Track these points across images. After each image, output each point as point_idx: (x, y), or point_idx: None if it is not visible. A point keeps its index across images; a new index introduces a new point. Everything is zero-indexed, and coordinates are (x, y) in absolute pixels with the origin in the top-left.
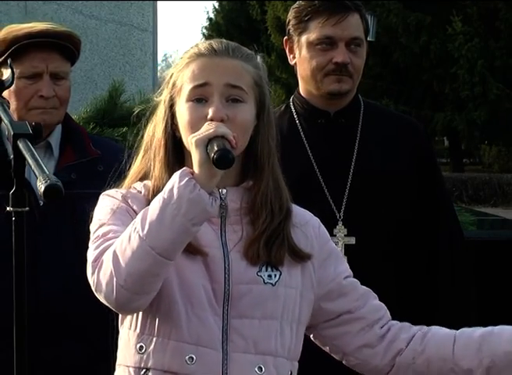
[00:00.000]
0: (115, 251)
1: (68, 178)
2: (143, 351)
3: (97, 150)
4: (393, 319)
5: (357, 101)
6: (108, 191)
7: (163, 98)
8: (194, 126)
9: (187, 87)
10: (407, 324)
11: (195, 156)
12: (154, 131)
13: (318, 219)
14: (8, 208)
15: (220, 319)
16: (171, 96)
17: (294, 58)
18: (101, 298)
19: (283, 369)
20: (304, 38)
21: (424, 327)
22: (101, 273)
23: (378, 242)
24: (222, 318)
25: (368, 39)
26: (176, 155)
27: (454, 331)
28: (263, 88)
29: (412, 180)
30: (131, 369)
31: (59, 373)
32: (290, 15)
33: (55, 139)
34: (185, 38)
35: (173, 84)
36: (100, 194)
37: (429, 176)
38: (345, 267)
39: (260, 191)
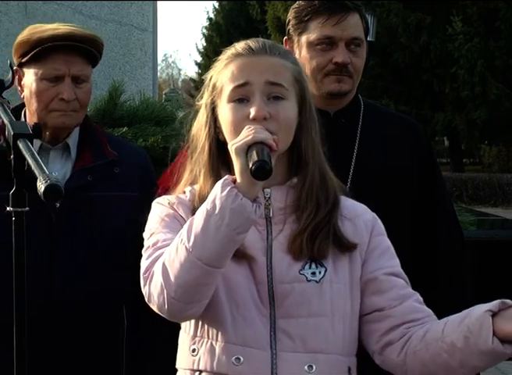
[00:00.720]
0: (164, 263)
1: (84, 180)
2: (195, 353)
3: (114, 151)
4: None
5: (357, 101)
6: (158, 199)
7: (204, 102)
8: (238, 127)
9: (228, 88)
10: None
11: (236, 164)
12: (198, 136)
13: (375, 214)
14: (8, 208)
15: (267, 320)
16: (212, 99)
17: None
18: (154, 308)
19: (337, 366)
20: (303, 38)
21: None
22: (152, 285)
23: None
24: (270, 318)
25: (368, 39)
26: (220, 158)
27: (443, 322)
28: (303, 83)
29: (412, 180)
30: (187, 372)
31: (68, 368)
32: (290, 15)
33: (72, 141)
34: (185, 38)
35: (213, 87)
36: (115, 196)
37: (429, 175)
38: (390, 264)
39: (305, 187)
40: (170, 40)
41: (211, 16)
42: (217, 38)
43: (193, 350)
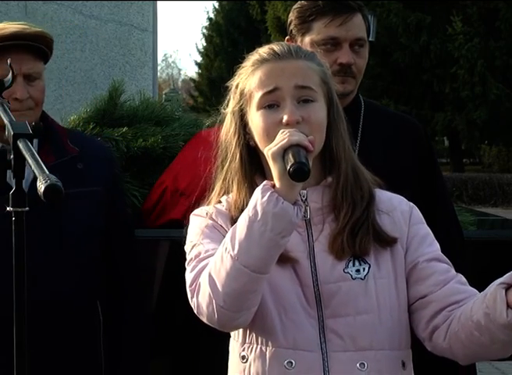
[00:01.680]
0: (210, 274)
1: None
2: (245, 360)
3: (76, 147)
4: None
5: (357, 101)
6: (195, 211)
7: (231, 110)
8: (270, 134)
9: (257, 95)
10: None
11: (274, 169)
12: (227, 144)
13: (411, 203)
14: (8, 209)
15: (315, 321)
16: (240, 106)
17: None
18: (203, 319)
19: (390, 361)
20: (307, 39)
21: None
22: (200, 297)
23: None
24: (318, 319)
25: (369, 39)
26: (252, 164)
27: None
28: (329, 84)
29: (413, 180)
30: None
31: (46, 367)
32: (292, 15)
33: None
34: (185, 38)
35: (241, 94)
36: (81, 192)
37: (429, 175)
38: (429, 250)
39: (340, 186)
40: (170, 40)
41: (211, 16)
42: (217, 38)
43: (243, 357)
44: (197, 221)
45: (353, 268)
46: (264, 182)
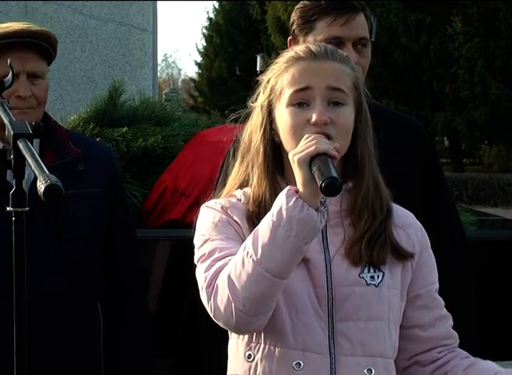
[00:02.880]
0: (229, 276)
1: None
2: (251, 359)
3: (77, 149)
4: None
5: None
6: (207, 203)
7: (260, 104)
8: (297, 131)
9: (288, 92)
10: (464, 353)
11: (298, 176)
12: (251, 137)
13: (420, 224)
14: (8, 208)
15: (325, 324)
16: (269, 101)
17: None
18: (220, 323)
19: (392, 370)
20: (310, 39)
21: (476, 359)
22: (218, 299)
23: None
24: (328, 322)
25: (371, 39)
26: (275, 161)
27: (496, 369)
28: (360, 90)
29: (415, 180)
30: None
31: (46, 368)
32: (295, 15)
33: (34, 140)
34: (185, 38)
35: (271, 89)
36: (82, 193)
37: (431, 175)
38: (436, 280)
39: (361, 193)
40: (170, 40)
41: (211, 16)
42: (217, 38)
43: (249, 356)
44: (210, 214)
45: (368, 274)
46: (288, 187)
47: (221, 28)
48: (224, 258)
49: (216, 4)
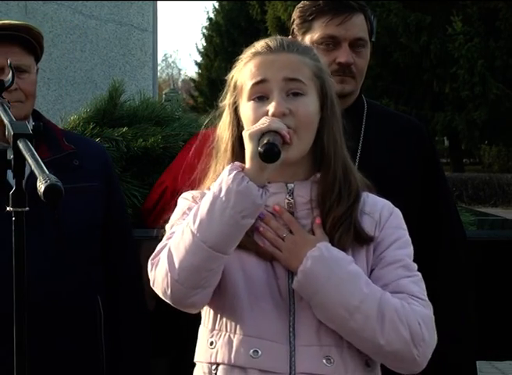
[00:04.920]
0: (169, 248)
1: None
2: (213, 346)
3: (71, 145)
4: None
5: (360, 101)
6: (183, 194)
7: (227, 102)
8: None
9: (247, 87)
10: None
11: (247, 149)
12: (222, 135)
13: (396, 209)
14: (8, 208)
15: (285, 313)
16: (234, 98)
17: None
18: (158, 293)
19: (354, 359)
20: (307, 38)
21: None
22: (158, 269)
23: None
24: (289, 312)
25: (372, 40)
26: (243, 157)
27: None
28: (324, 79)
29: (415, 181)
30: (204, 365)
31: (48, 364)
32: (295, 14)
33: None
34: (185, 38)
35: (234, 86)
36: (78, 188)
37: (432, 176)
38: (394, 253)
39: (327, 182)
40: (170, 40)
41: (211, 16)
42: (217, 38)
43: (211, 343)
44: (183, 203)
45: None
46: (235, 162)
47: (221, 28)
48: None
49: (216, 4)
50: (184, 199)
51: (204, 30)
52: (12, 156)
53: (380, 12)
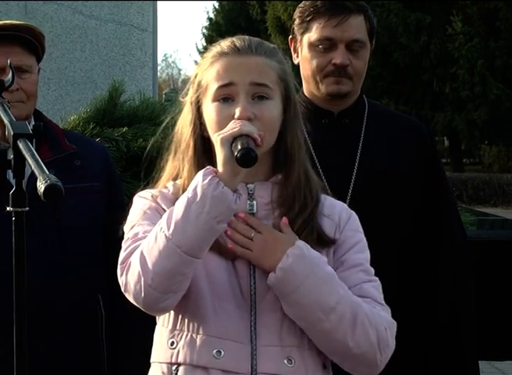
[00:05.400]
0: (142, 252)
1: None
2: (174, 346)
3: (73, 145)
4: (394, 318)
5: (361, 101)
6: (140, 193)
7: (189, 99)
8: (222, 126)
9: (213, 87)
10: None
11: (220, 155)
12: (182, 132)
13: (353, 212)
14: (8, 208)
15: (247, 313)
16: (197, 96)
17: (298, 57)
18: (130, 298)
19: (314, 360)
20: (305, 38)
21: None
22: (130, 274)
23: (380, 243)
24: (250, 312)
25: (373, 41)
26: (204, 154)
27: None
28: (288, 82)
29: (416, 181)
30: (163, 366)
31: (50, 365)
32: (295, 14)
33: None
34: (185, 38)
35: (198, 84)
36: (79, 187)
37: (432, 176)
38: (355, 257)
39: (291, 184)
40: (170, 40)
41: (211, 16)
42: (217, 38)
43: (172, 343)
44: (141, 202)
45: None
46: (207, 167)
47: (221, 28)
48: (143, 239)
49: (216, 4)
50: (142, 198)
51: (204, 30)
52: (12, 156)
53: (380, 12)
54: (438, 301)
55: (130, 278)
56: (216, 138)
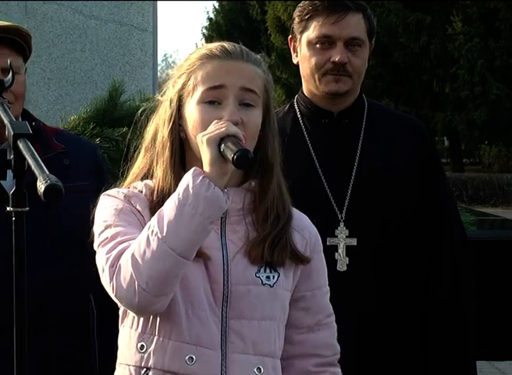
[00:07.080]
0: (133, 255)
1: (35, 175)
2: (144, 350)
3: (62, 144)
4: (394, 318)
5: (361, 101)
6: (108, 191)
7: (169, 98)
8: (205, 128)
9: (201, 89)
10: None
11: (206, 155)
12: (157, 131)
13: (315, 229)
14: (8, 208)
15: (219, 320)
16: (179, 96)
17: (297, 56)
18: (121, 302)
19: (279, 369)
20: (304, 37)
21: None
22: (121, 278)
23: (380, 243)
24: (221, 319)
25: (372, 40)
26: (180, 155)
27: None
28: (270, 93)
29: (415, 180)
30: (132, 368)
31: (43, 366)
32: (294, 13)
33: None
34: (185, 38)
35: (183, 85)
36: (69, 187)
37: (432, 176)
38: (325, 285)
39: (267, 194)
40: (170, 40)
41: (211, 16)
42: (217, 38)
43: (142, 347)
44: (113, 202)
45: (264, 274)
46: (194, 168)
47: (221, 28)
48: (127, 241)
49: (216, 4)
50: (112, 197)
51: (204, 30)
52: (12, 156)
53: (380, 12)
54: (438, 301)
55: (122, 282)
56: (202, 138)
